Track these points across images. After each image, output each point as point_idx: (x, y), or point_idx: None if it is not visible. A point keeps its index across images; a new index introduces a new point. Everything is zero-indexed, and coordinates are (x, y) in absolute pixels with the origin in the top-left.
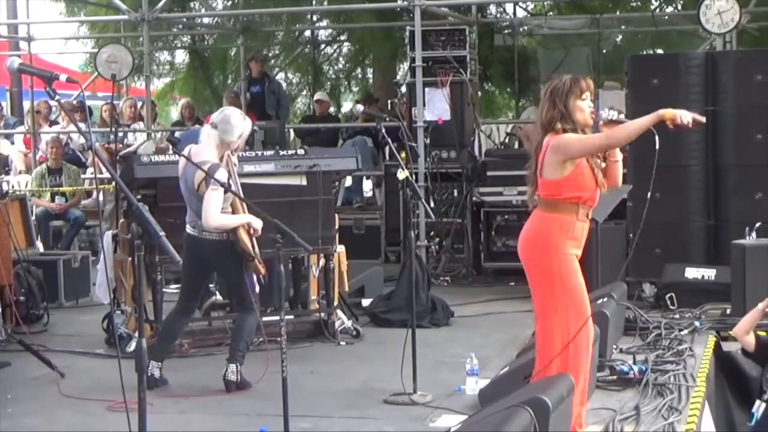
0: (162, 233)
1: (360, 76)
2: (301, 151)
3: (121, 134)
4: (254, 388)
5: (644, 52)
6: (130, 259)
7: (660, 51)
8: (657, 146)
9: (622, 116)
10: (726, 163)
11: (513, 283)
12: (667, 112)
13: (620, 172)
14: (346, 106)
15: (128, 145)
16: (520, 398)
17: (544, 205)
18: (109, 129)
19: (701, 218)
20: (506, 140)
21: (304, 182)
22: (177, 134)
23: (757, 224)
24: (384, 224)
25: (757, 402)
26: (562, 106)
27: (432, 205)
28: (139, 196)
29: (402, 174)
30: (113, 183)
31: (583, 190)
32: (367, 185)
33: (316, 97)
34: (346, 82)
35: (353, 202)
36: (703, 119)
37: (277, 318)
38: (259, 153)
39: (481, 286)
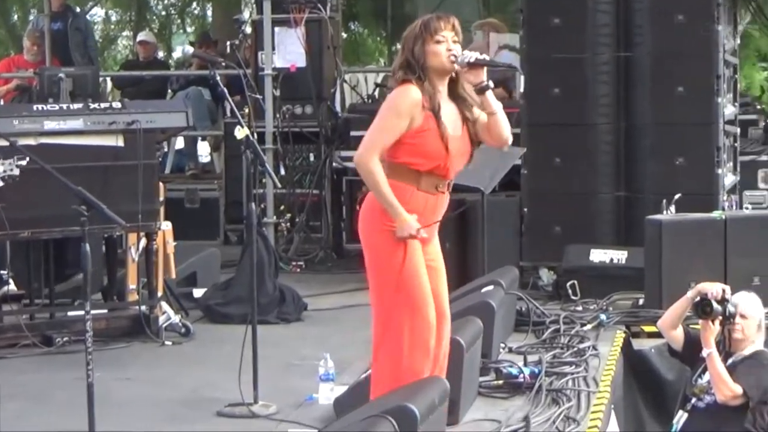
0: None
1: (196, 12)
2: (117, 105)
3: None
4: (57, 397)
5: None
6: None
7: None
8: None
9: (485, 57)
10: (641, 121)
11: None
12: None
13: (504, 127)
14: (179, 51)
15: None
16: (382, 406)
17: (385, 167)
18: None
19: (610, 189)
20: (375, 93)
21: (120, 143)
22: None
23: (677, 196)
24: (223, 196)
25: (679, 412)
26: (409, 53)
27: (282, 172)
28: None
29: (241, 132)
30: None
31: (423, 157)
32: (204, 148)
33: (140, 37)
34: (178, 20)
35: (186, 168)
36: None
37: (82, 312)
38: (65, 106)
39: (342, 273)
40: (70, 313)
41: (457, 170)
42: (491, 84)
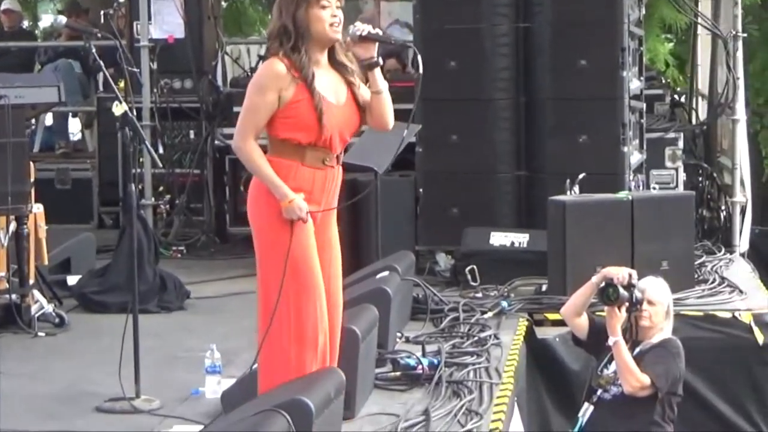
0: None
1: None
2: None
3: None
4: None
5: None
6: None
7: None
8: (420, 68)
9: (377, 31)
10: (541, 96)
11: None
12: None
13: (387, 110)
14: (46, 20)
15: None
16: (274, 400)
17: (268, 145)
18: None
19: (510, 168)
20: (258, 65)
21: None
22: None
23: (581, 175)
24: (97, 176)
25: (585, 404)
26: (288, 18)
27: (161, 150)
28: None
29: (119, 108)
30: None
31: (302, 130)
32: (75, 125)
33: (3, 6)
34: None
35: (56, 147)
36: None
37: None
38: None
39: (227, 258)
40: None
41: (345, 141)
42: (381, 61)
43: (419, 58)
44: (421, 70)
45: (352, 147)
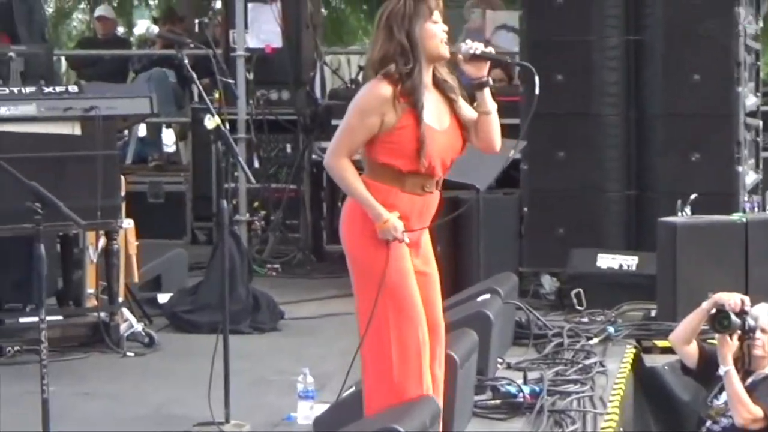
0: None
1: None
2: (74, 88)
3: None
4: (7, 414)
5: None
6: None
7: None
8: (537, 90)
9: (490, 50)
10: (652, 112)
11: None
12: None
13: (495, 131)
14: (141, 25)
15: None
16: (368, 428)
17: (365, 166)
18: None
19: (619, 187)
20: (359, 76)
21: (77, 131)
22: None
23: (693, 196)
24: (190, 190)
25: None
26: (403, 37)
27: (256, 164)
28: None
29: (212, 122)
30: None
31: (404, 158)
32: (169, 136)
33: (98, 12)
34: None
35: (149, 159)
36: None
37: (36, 319)
38: (15, 90)
39: (323, 277)
40: (21, 320)
41: (447, 167)
42: (491, 81)
43: (536, 79)
44: (537, 92)
45: (454, 163)
